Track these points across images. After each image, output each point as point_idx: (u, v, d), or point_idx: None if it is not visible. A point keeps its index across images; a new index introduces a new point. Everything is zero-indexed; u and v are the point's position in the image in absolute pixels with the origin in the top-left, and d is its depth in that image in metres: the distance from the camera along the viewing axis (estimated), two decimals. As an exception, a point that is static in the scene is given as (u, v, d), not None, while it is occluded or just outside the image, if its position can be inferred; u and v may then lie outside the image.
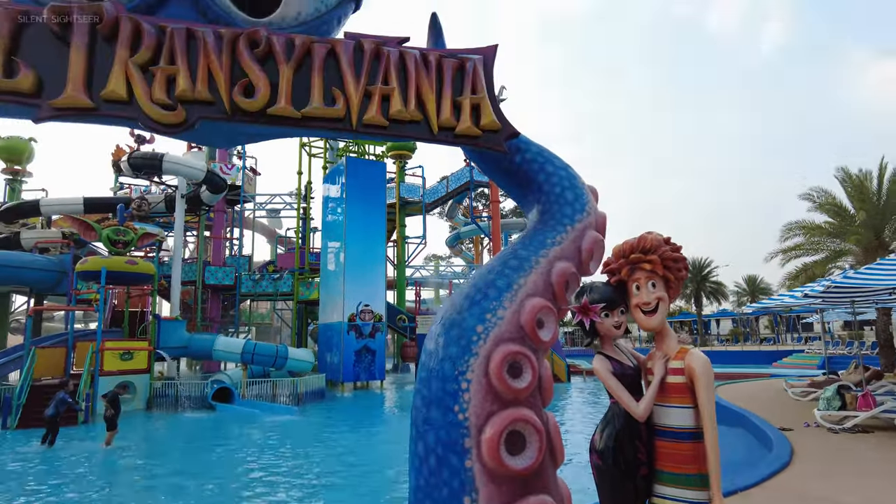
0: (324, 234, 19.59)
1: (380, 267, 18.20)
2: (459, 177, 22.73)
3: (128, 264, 13.89)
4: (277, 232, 26.80)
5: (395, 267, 22.85)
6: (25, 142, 20.14)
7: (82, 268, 13.86)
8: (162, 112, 2.67)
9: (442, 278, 27.24)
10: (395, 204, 22.47)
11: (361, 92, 2.90)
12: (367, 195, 18.20)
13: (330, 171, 19.61)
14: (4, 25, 2.57)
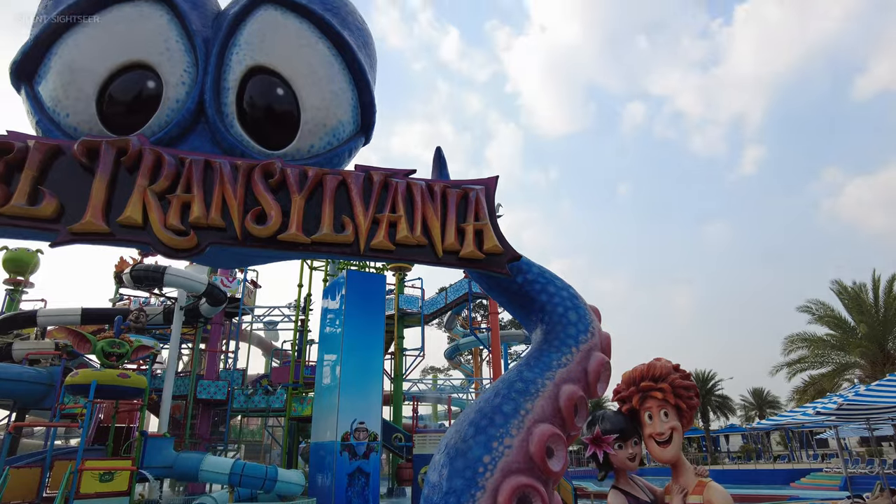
0: (321, 346, 19.32)
1: (377, 382, 17.76)
2: (458, 288, 22.88)
3: (120, 377, 13.51)
4: (274, 345, 26.43)
5: (392, 380, 22.28)
6: (32, 253, 20.48)
7: (72, 381, 13.46)
8: (174, 237, 2.74)
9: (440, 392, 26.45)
10: (393, 315, 22.39)
11: (370, 219, 3.00)
12: (367, 308, 18.19)
13: (330, 284, 19.76)
14: (36, 158, 2.72)
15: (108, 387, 13.38)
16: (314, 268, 21.35)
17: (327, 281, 20.71)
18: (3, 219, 2.68)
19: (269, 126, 3.30)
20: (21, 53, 3.17)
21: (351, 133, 3.54)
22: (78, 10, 3.22)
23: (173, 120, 3.15)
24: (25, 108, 3.23)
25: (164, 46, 3.23)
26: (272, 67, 3.31)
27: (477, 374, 28.06)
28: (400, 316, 22.89)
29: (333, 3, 3.63)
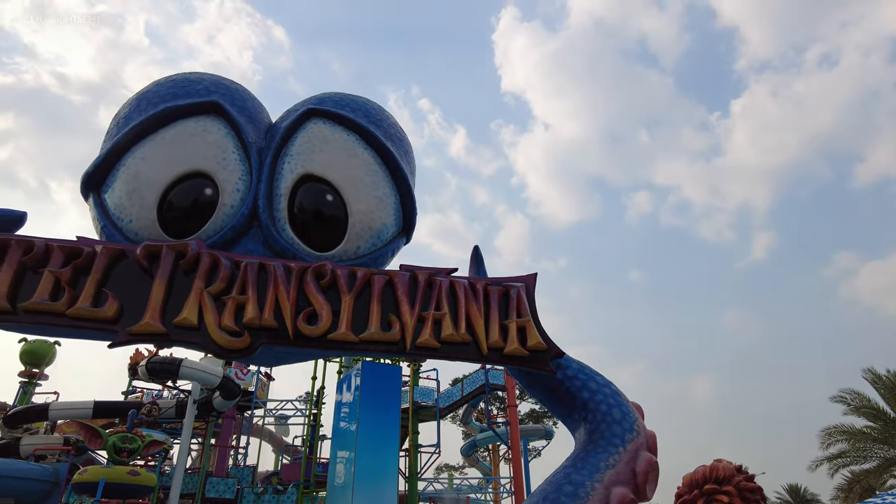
0: (333, 442, 18.71)
1: (392, 481, 17.02)
2: (474, 380, 22.41)
3: (130, 475, 13.14)
4: (284, 440, 25.64)
5: (407, 479, 21.31)
6: (50, 346, 20.55)
7: (80, 479, 13.10)
8: (228, 338, 2.82)
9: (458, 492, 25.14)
10: (408, 409, 21.82)
11: (416, 317, 3.08)
12: (382, 401, 17.79)
13: (344, 376, 19.47)
14: (102, 262, 2.87)
15: (116, 485, 12.99)
16: (328, 359, 21.14)
17: (341, 373, 20.43)
18: (67, 320, 2.80)
19: (319, 229, 3.48)
20: (93, 166, 3.43)
21: (393, 234, 3.71)
22: (146, 126, 3.51)
23: (228, 224, 3.33)
24: (92, 215, 3.45)
25: (221, 157, 3.48)
26: (322, 175, 3.54)
27: (496, 472, 26.77)
28: (415, 409, 22.30)
29: (377, 116, 3.93)
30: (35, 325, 2.86)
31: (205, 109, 3.61)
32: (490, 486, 26.16)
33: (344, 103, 3.88)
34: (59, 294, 2.82)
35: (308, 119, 3.76)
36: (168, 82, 3.75)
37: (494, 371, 22.20)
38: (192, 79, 3.77)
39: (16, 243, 2.91)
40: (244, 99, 3.81)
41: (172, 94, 3.62)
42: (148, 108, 3.57)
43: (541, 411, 40.23)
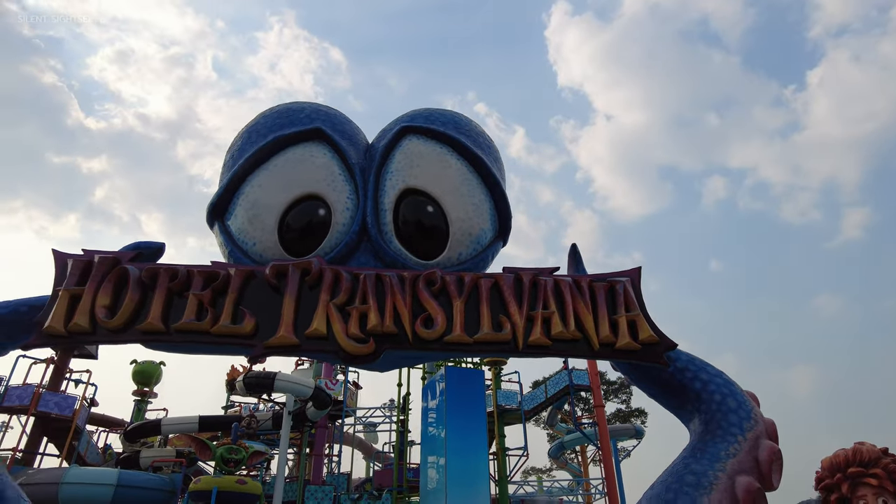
0: (423, 447, 19.07)
1: (483, 484, 17.13)
2: (558, 381, 22.18)
3: (238, 484, 13.99)
4: (374, 447, 26.37)
5: (496, 483, 21.32)
6: (157, 366, 22.25)
7: (195, 487, 14.09)
8: (356, 345, 3.04)
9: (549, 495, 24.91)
10: (492, 413, 21.87)
11: (525, 317, 3.18)
12: (467, 405, 17.96)
13: (429, 382, 19.83)
14: (236, 282, 3.16)
15: (227, 493, 13.88)
16: (411, 366, 21.59)
17: (425, 379, 20.80)
18: (211, 337, 3.11)
19: (423, 239, 3.67)
20: (216, 197, 3.79)
21: (491, 239, 3.84)
22: (258, 156, 3.83)
23: (342, 241, 3.58)
24: (218, 241, 3.80)
25: (329, 179, 3.75)
26: (421, 188, 3.73)
27: (585, 473, 26.29)
28: (499, 413, 22.33)
29: (465, 127, 4.08)
30: (184, 343, 3.19)
31: (309, 136, 3.89)
32: (581, 488, 25.72)
33: (434, 118, 4.06)
34: (203, 314, 3.15)
35: (403, 137, 3.97)
36: (273, 114, 4.06)
37: (578, 371, 21.88)
38: (295, 108, 4.07)
39: (163, 271, 3.27)
40: (342, 123, 4.08)
41: (279, 124, 3.93)
42: (258, 139, 3.89)
43: (627, 411, 39.14)
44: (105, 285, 3.21)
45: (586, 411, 31.52)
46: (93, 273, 3.28)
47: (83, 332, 3.12)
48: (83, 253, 3.43)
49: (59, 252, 3.44)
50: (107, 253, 3.38)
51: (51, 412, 18.59)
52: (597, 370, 22.03)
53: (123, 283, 3.24)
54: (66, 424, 18.88)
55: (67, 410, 19.12)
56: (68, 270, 3.32)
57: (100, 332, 3.13)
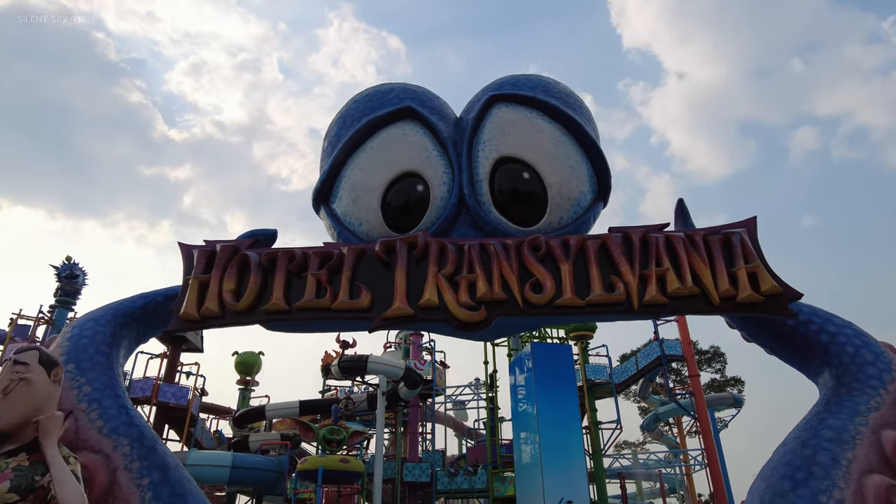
0: (514, 423, 19.21)
1: (579, 458, 17.04)
2: (649, 353, 21.58)
3: (341, 462, 14.70)
4: (465, 425, 26.87)
5: (591, 456, 21.15)
6: (256, 355, 23.70)
7: (302, 467, 14.95)
8: (468, 313, 3.09)
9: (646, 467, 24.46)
10: (582, 387, 21.65)
11: (638, 276, 3.11)
12: (556, 380, 17.87)
13: (515, 359, 19.88)
14: (350, 260, 3.29)
15: (332, 471, 14.64)
16: (496, 344, 21.70)
17: (511, 356, 20.87)
18: (332, 313, 3.27)
19: (521, 207, 3.66)
20: (319, 183, 3.95)
21: (591, 200, 3.77)
22: (355, 140, 3.95)
23: (442, 214, 3.64)
24: (326, 224, 3.97)
25: (424, 155, 3.81)
26: (515, 156, 3.72)
27: (682, 445, 25.53)
28: (589, 387, 22.07)
29: (555, 90, 4.01)
30: (306, 321, 3.37)
31: (400, 115, 3.97)
32: (679, 460, 25.03)
33: (521, 84, 4.02)
34: (322, 292, 3.31)
35: (491, 106, 3.95)
36: (363, 98, 4.17)
37: (670, 342, 21.18)
38: (383, 90, 4.15)
39: (281, 254, 3.47)
40: (430, 99, 4.12)
41: (370, 107, 4.03)
42: (352, 123, 4.01)
43: (722, 380, 37.55)
44: (229, 271, 3.45)
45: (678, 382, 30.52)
46: (216, 261, 3.52)
47: (214, 316, 3.37)
48: (205, 243, 3.69)
49: (185, 244, 3.72)
50: (227, 242, 3.62)
51: (168, 402, 20.26)
52: (689, 339, 21.22)
53: (245, 268, 3.47)
54: (183, 413, 20.53)
55: (182, 400, 20.79)
56: (195, 260, 3.58)
57: (228, 315, 3.37)
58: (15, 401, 2.02)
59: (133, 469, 2.96)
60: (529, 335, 21.54)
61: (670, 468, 25.29)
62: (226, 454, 18.30)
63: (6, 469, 1.87)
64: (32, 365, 2.11)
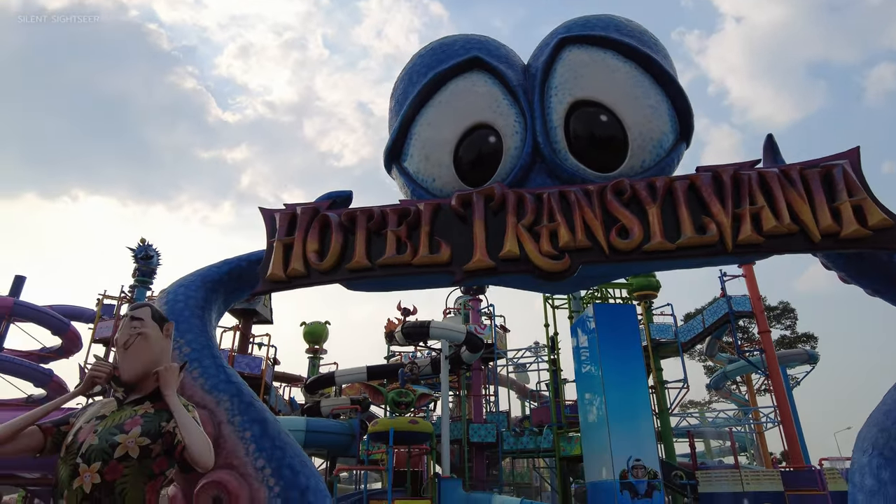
0: (579, 384, 19.17)
1: (646, 417, 16.87)
2: (715, 310, 20.92)
3: (411, 424, 15.14)
4: (527, 387, 27.08)
5: (658, 416, 20.91)
6: (323, 325, 24.52)
7: (374, 429, 15.49)
8: (551, 262, 3.03)
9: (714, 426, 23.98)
10: (646, 347, 21.28)
11: (730, 216, 2.96)
12: (620, 341, 17.64)
13: (577, 320, 19.71)
14: (427, 216, 3.28)
15: (402, 433, 15.11)
16: (556, 307, 21.57)
17: (572, 318, 20.70)
18: (413, 268, 3.29)
19: (599, 152, 3.54)
20: (390, 142, 3.94)
21: (674, 141, 3.60)
22: (422, 95, 3.90)
23: (516, 165, 3.57)
24: (399, 183, 3.98)
25: (494, 105, 3.72)
26: (591, 98, 3.57)
27: (753, 403, 24.82)
28: (654, 346, 21.66)
29: (627, 29, 3.81)
30: (387, 278, 3.41)
31: (467, 66, 3.88)
32: (749, 418, 24.38)
33: (591, 24, 3.83)
34: (403, 248, 3.33)
35: (561, 49, 3.80)
36: (428, 52, 4.09)
37: (737, 298, 20.43)
38: (447, 42, 4.06)
39: (360, 213, 3.50)
40: (497, 47, 4.00)
41: (436, 60, 3.95)
42: (419, 79, 3.95)
43: (792, 336, 36.10)
44: (311, 232, 3.52)
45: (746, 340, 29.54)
46: (298, 223, 3.60)
47: (300, 276, 3.46)
48: (285, 207, 3.77)
49: (266, 209, 3.82)
50: (307, 204, 3.69)
51: (244, 371, 21.35)
52: (758, 294, 20.39)
53: (327, 228, 3.53)
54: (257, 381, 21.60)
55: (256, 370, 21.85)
56: (277, 223, 3.67)
57: (313, 274, 3.45)
58: (135, 354, 2.14)
59: (235, 423, 3.12)
60: (591, 297, 21.25)
61: (740, 427, 24.70)
62: (300, 419, 19.18)
63: (135, 416, 2.00)
64: (147, 321, 2.22)
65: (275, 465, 2.92)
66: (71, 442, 1.94)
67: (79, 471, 1.82)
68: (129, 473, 1.85)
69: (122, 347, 2.15)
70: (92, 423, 2.00)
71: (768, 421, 22.67)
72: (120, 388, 2.18)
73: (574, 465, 21.14)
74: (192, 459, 1.87)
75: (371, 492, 17.83)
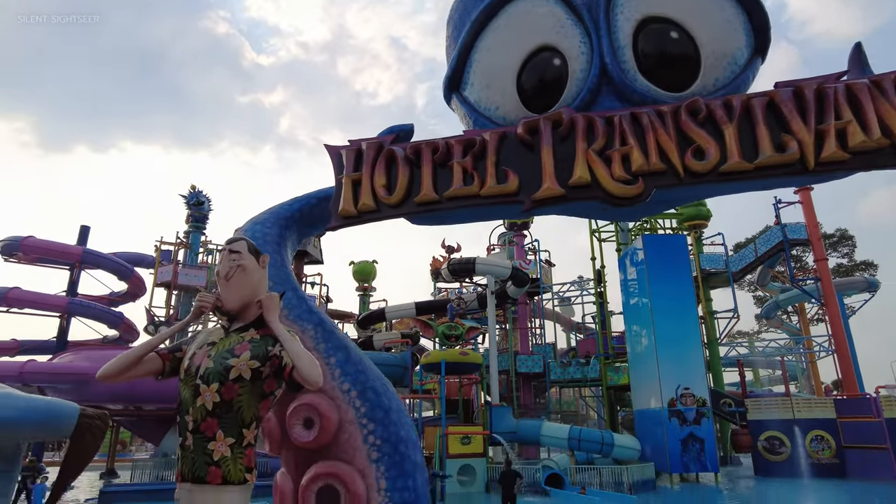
0: (626, 316, 19.21)
1: (696, 346, 16.87)
2: (769, 238, 20.31)
3: (461, 355, 15.63)
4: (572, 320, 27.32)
5: (707, 346, 20.89)
6: (371, 264, 25.10)
7: (426, 360, 16.09)
8: (623, 187, 3.00)
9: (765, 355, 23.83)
10: (696, 277, 20.99)
11: (813, 133, 2.84)
12: (670, 271, 17.44)
13: (625, 252, 19.53)
14: (492, 145, 3.27)
15: (452, 364, 15.64)
16: (603, 240, 21.36)
17: (620, 251, 20.52)
18: (480, 199, 3.32)
19: (670, 71, 3.40)
20: (450, 71, 3.89)
21: (749, 57, 3.42)
22: (480, 21, 3.79)
23: (583, 88, 3.48)
24: (460, 113, 3.95)
25: (557, 26, 3.59)
26: (660, 15, 3.41)
27: (806, 332, 24.41)
28: (704, 277, 21.35)
29: (699, -64, 3.55)
30: (454, 210, 3.46)
31: (527, -13, 3.72)
32: (801, 347, 24.08)
33: (659, -65, 3.59)
34: (469, 179, 3.35)
35: (627, -37, 3.59)
36: (483, -25, 3.94)
37: (793, 226, 19.72)
38: (505, -37, 3.89)
39: (425, 146, 3.52)
40: (558, -34, 3.81)
41: (493, -17, 3.81)
42: (475, 4, 3.83)
43: (850, 265, 34.85)
44: (378, 167, 3.57)
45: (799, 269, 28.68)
46: (364, 158, 3.65)
47: (370, 210, 3.55)
48: (350, 143, 3.82)
49: (331, 146, 3.87)
50: (371, 139, 3.72)
51: (298, 309, 22.35)
52: (815, 221, 19.62)
53: (393, 162, 3.57)
54: (311, 318, 22.65)
55: (310, 307, 22.84)
56: (344, 160, 3.73)
57: (383, 208, 3.53)
58: (236, 285, 2.27)
59: (320, 350, 3.31)
60: (640, 228, 20.90)
61: (791, 356, 24.45)
62: (353, 353, 20.10)
63: (243, 342, 2.15)
64: (244, 253, 2.34)
65: (359, 387, 3.11)
66: (188, 366, 2.11)
67: (200, 391, 2.00)
68: (244, 393, 2.02)
69: (224, 279, 2.28)
70: (205, 348, 2.17)
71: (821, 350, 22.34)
72: (223, 317, 2.34)
73: (621, 394, 21.55)
74: (303, 378, 2.01)
75: (425, 419, 18.72)
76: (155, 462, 15.12)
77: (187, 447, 1.98)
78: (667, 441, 15.69)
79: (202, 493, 1.91)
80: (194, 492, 1.92)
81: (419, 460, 2.90)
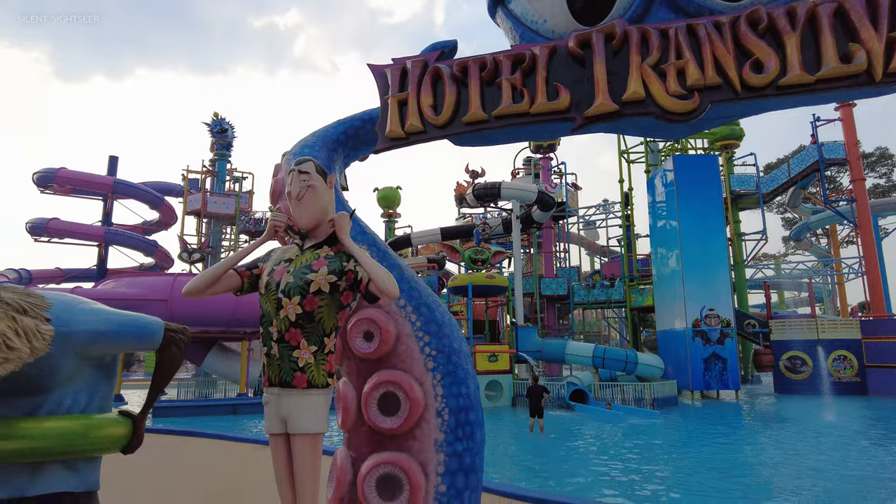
0: (653, 239, 19.18)
1: (722, 268, 16.89)
2: (804, 158, 19.71)
3: (488, 278, 15.93)
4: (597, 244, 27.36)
5: (733, 267, 20.86)
6: (395, 190, 25.15)
7: (453, 284, 16.46)
8: (679, 102, 2.96)
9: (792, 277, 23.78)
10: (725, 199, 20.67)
11: (884, 41, 2.74)
12: (700, 192, 17.18)
13: (654, 174, 19.21)
14: (543, 60, 3.21)
15: (479, 287, 16.00)
16: (632, 161, 20.99)
17: (649, 172, 20.19)
18: (530, 117, 3.30)
19: (730, -23, 3.24)
20: (494, -19, 3.75)
21: (816, -41, 3.22)
22: (527, -73, 3.61)
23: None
24: (505, 27, 3.85)
25: (610, -68, 3.41)
26: (722, -86, 3.20)
27: (836, 254, 24.15)
28: (734, 198, 20.99)
29: None
30: (504, 128, 3.45)
31: None
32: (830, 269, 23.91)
33: None
34: (519, 97, 3.32)
35: None
36: None
37: (830, 145, 19.05)
38: None
39: (472, 63, 3.47)
40: None
41: None
42: None
43: (887, 185, 33.80)
44: (424, 86, 3.55)
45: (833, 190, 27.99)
46: (409, 77, 3.62)
47: (418, 131, 3.56)
48: (394, 62, 3.77)
49: (375, 65, 3.84)
50: (415, 57, 3.67)
51: (324, 235, 22.71)
52: (855, 140, 18.89)
53: (439, 81, 3.53)
54: (338, 244, 23.05)
55: (336, 233, 23.18)
56: (388, 79, 3.71)
57: (430, 129, 3.54)
58: (307, 204, 2.37)
59: (373, 267, 3.44)
60: (671, 149, 20.43)
61: (818, 278, 24.34)
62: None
63: (319, 258, 2.27)
64: (312, 174, 2.42)
65: (414, 303, 3.25)
66: (268, 281, 2.25)
67: (282, 303, 2.15)
68: (324, 305, 2.16)
69: (296, 199, 2.37)
70: (283, 264, 2.30)
71: (851, 272, 22.17)
72: (295, 236, 2.46)
73: (644, 315, 21.92)
74: (380, 290, 2.14)
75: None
76: (197, 381, 16.12)
77: (273, 355, 2.13)
78: (689, 360, 16.12)
79: (290, 396, 2.08)
80: (282, 395, 2.09)
81: (471, 369, 3.09)
